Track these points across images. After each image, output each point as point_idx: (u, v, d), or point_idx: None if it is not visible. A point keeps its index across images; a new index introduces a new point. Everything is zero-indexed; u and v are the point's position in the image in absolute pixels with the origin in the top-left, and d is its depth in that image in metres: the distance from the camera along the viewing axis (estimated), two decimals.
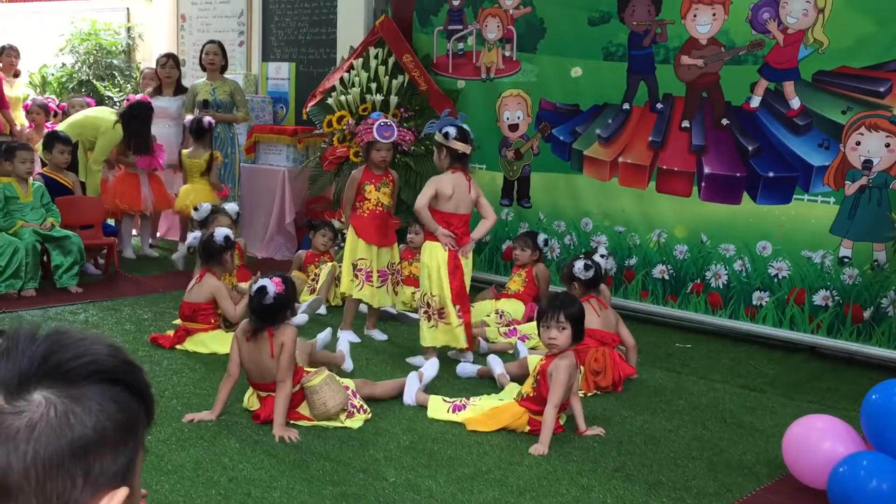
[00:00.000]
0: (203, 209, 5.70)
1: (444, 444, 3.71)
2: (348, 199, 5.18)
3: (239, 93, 7.34)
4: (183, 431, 3.73)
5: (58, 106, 8.50)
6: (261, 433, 3.75)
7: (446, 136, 4.65)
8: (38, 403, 0.81)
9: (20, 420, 0.80)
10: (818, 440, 3.33)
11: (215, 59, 7.23)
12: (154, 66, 8.32)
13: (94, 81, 9.86)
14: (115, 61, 10.15)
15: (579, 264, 4.66)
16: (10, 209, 6.03)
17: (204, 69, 7.36)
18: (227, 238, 5.02)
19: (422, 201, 4.61)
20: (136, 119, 6.96)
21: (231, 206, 5.91)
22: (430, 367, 4.42)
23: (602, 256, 4.89)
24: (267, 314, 3.82)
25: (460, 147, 4.65)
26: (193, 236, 5.33)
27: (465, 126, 4.72)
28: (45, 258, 6.14)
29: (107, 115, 7.13)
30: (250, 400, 3.99)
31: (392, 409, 4.08)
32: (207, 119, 6.88)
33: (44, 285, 6.01)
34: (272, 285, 3.81)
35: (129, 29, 10.42)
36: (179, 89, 7.61)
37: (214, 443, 3.64)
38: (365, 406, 3.98)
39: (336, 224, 6.29)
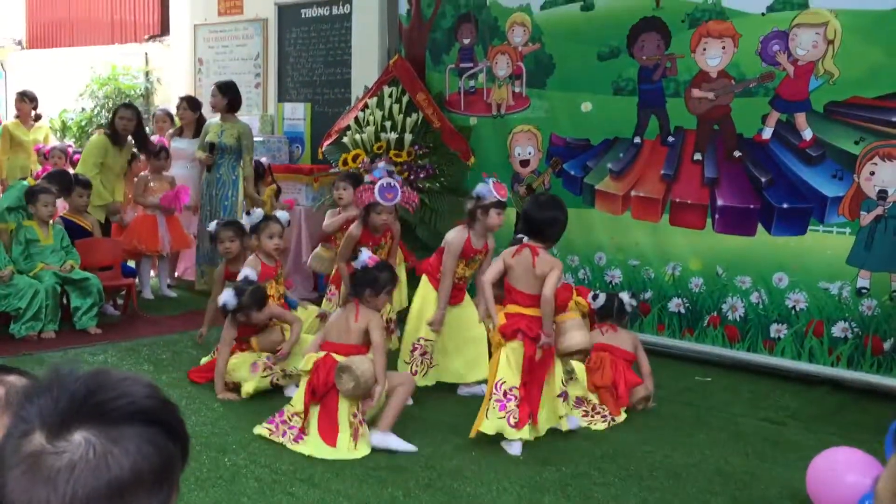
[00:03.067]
0: (255, 214, 5.34)
1: (462, 482, 3.69)
2: (342, 255, 5.03)
3: (247, 138, 7.08)
4: (202, 471, 3.73)
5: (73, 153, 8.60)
6: (279, 472, 3.74)
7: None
8: (77, 444, 0.82)
9: (60, 461, 0.81)
10: (842, 473, 3.29)
11: (212, 101, 7.16)
12: (168, 108, 8.46)
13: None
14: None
15: (590, 294, 4.74)
16: (30, 252, 6.11)
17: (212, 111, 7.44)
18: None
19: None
20: (111, 119, 7.14)
21: (282, 214, 5.44)
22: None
23: (631, 296, 4.97)
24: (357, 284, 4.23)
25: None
26: (230, 295, 4.84)
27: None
28: (64, 300, 6.20)
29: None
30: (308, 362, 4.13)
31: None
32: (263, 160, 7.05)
33: (63, 327, 6.06)
34: (366, 255, 4.27)
35: (147, 73, 10.62)
36: (199, 131, 7.72)
37: (233, 483, 3.64)
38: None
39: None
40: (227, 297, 4.77)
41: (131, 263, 7.34)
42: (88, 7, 12.17)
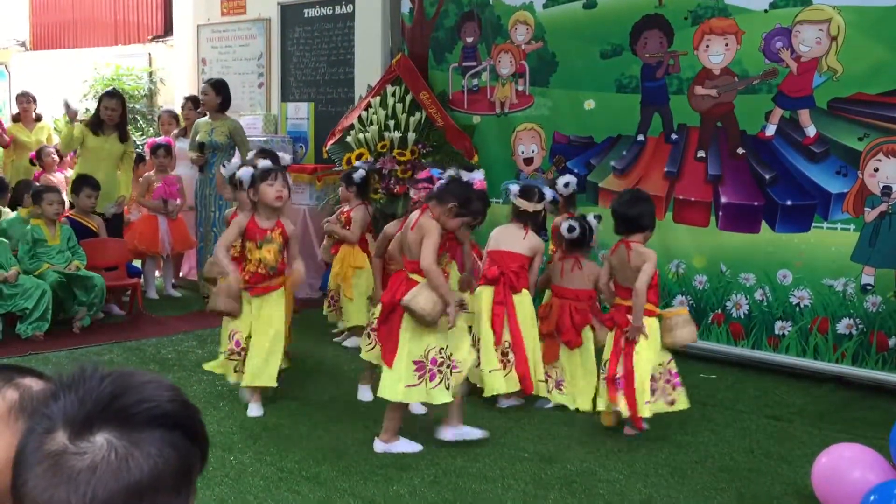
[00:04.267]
0: (232, 164, 4.97)
1: (468, 479, 3.70)
2: (377, 252, 4.82)
3: (238, 133, 7.05)
4: (207, 469, 3.73)
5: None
6: (285, 471, 3.75)
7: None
8: (100, 446, 0.83)
9: (82, 461, 0.82)
10: (848, 469, 3.29)
11: (205, 100, 7.09)
12: (172, 109, 8.48)
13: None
14: (137, 105, 10.35)
15: (564, 225, 4.71)
16: (36, 251, 6.13)
17: (203, 109, 7.40)
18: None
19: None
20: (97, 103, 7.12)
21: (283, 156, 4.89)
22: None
23: (595, 218, 4.86)
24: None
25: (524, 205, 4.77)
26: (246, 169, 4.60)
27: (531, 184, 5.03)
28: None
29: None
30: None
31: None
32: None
33: (70, 327, 6.09)
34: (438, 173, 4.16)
35: (150, 73, 10.64)
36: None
37: (239, 481, 3.65)
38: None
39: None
40: (243, 171, 4.52)
41: (137, 263, 7.37)
42: (92, 8, 12.20)
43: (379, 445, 3.99)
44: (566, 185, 5.07)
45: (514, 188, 4.88)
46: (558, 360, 4.68)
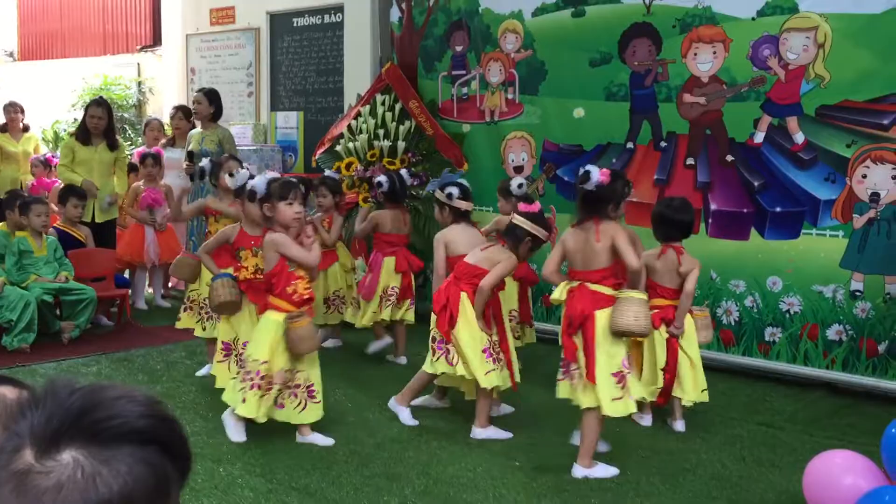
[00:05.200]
0: (241, 174, 4.67)
1: (459, 489, 3.67)
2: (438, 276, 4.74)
3: (228, 142, 6.97)
4: (196, 482, 3.71)
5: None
6: (275, 482, 3.72)
7: (450, 196, 4.80)
8: (66, 464, 0.80)
9: (48, 480, 0.79)
10: (839, 476, 3.28)
11: (199, 109, 6.99)
12: (159, 118, 8.45)
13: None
14: (126, 115, 10.32)
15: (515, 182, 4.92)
16: (23, 263, 6.08)
17: (195, 118, 7.35)
18: (253, 189, 4.33)
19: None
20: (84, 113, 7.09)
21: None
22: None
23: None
24: (589, 202, 3.82)
25: (463, 206, 4.84)
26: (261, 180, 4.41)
27: (465, 183, 4.96)
28: (58, 311, 6.17)
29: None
30: None
31: (406, 454, 4.05)
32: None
33: (57, 338, 6.04)
34: (596, 172, 3.76)
35: (139, 83, 10.62)
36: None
37: (228, 493, 3.62)
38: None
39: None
40: (255, 181, 4.27)
41: (126, 274, 7.32)
42: (80, 18, 12.17)
43: (579, 471, 3.81)
44: (519, 185, 5.26)
45: (455, 191, 4.83)
46: None
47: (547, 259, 3.97)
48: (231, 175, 4.72)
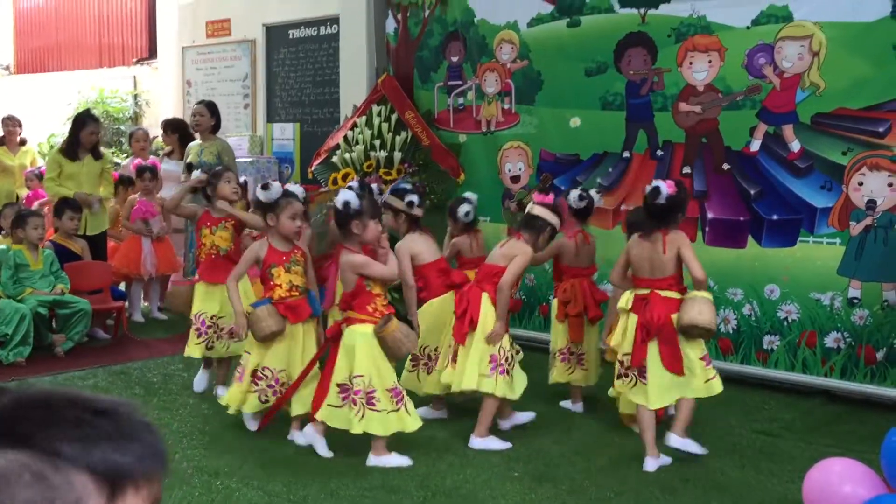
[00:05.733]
0: (275, 188, 4.42)
1: (458, 500, 3.66)
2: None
3: (227, 153, 6.92)
4: (194, 495, 3.69)
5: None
6: (272, 494, 3.70)
7: (410, 204, 4.79)
8: None
9: None
10: (838, 484, 3.27)
11: (200, 121, 6.92)
12: (145, 128, 8.43)
13: (102, 148, 9.99)
14: (122, 128, 10.32)
15: (574, 194, 4.82)
16: (19, 276, 6.07)
17: (194, 131, 7.31)
18: (348, 203, 4.16)
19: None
20: (72, 126, 7.03)
21: (299, 189, 4.91)
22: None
23: (597, 191, 5.11)
24: (659, 215, 3.97)
25: (419, 213, 4.86)
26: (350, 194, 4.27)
27: (472, 199, 5.06)
28: (52, 323, 6.16)
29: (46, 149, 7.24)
30: None
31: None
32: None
33: (53, 352, 6.02)
34: (665, 186, 3.93)
35: (135, 96, 10.63)
36: (184, 152, 7.70)
37: None
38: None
39: None
40: (348, 195, 4.08)
41: (122, 287, 7.30)
42: (76, 31, 12.19)
43: (653, 464, 3.99)
44: (466, 214, 4.96)
45: (416, 199, 4.86)
46: (582, 338, 4.82)
47: (613, 268, 4.27)
48: (265, 188, 4.34)
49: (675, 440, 4.03)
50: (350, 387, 3.96)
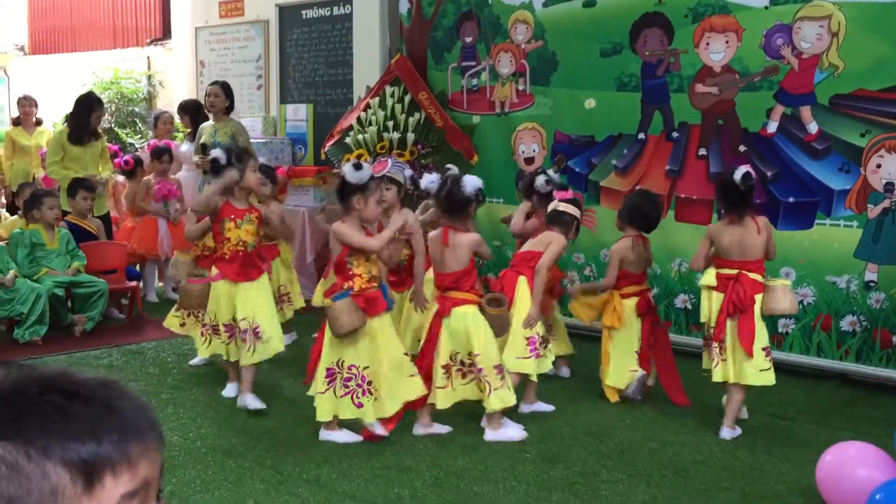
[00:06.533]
0: (365, 169, 4.03)
1: (469, 481, 3.67)
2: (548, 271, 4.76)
3: (241, 134, 6.90)
4: (207, 474, 3.71)
5: None
6: (285, 474, 3.72)
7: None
8: None
9: None
10: (852, 467, 3.25)
11: (215, 101, 6.91)
12: (170, 110, 8.46)
13: (116, 129, 10.03)
14: (136, 108, 10.34)
15: (541, 179, 4.96)
16: (35, 255, 6.10)
17: (208, 111, 7.30)
18: (480, 190, 4.20)
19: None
20: (74, 110, 7.06)
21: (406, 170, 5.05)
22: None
23: (554, 170, 5.34)
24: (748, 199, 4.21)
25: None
26: (430, 179, 4.62)
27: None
28: (70, 304, 6.20)
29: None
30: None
31: (416, 446, 4.04)
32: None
33: (69, 331, 6.06)
34: (751, 171, 4.18)
35: (149, 77, 10.63)
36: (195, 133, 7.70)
37: (239, 485, 3.62)
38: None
39: None
40: (355, 170, 3.98)
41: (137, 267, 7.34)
42: (90, 12, 12.19)
43: (727, 433, 4.19)
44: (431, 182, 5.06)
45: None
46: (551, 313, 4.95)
47: (696, 254, 4.44)
48: (357, 168, 3.98)
49: (728, 433, 4.21)
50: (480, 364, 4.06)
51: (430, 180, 4.89)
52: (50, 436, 0.75)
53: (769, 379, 4.19)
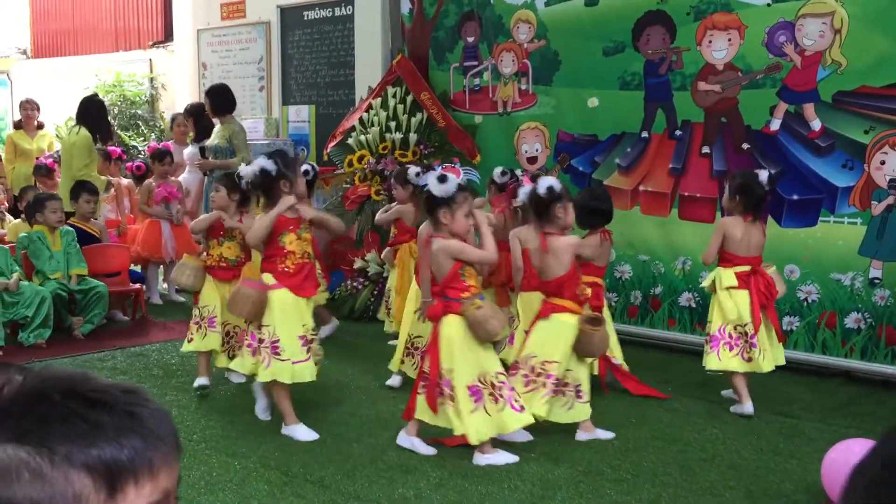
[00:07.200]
0: (451, 180, 3.85)
1: (474, 480, 3.66)
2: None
3: (237, 136, 6.88)
4: (212, 475, 3.71)
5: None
6: (290, 475, 3.72)
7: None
8: None
9: None
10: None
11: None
12: (174, 113, 8.49)
13: (119, 132, 10.04)
14: (139, 111, 10.35)
15: (497, 170, 5.09)
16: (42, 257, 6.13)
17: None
18: (551, 189, 4.07)
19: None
20: (90, 113, 7.07)
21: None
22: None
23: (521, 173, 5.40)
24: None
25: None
26: (524, 191, 4.24)
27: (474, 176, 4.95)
28: (72, 305, 6.21)
29: (63, 133, 7.35)
30: None
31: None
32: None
33: (71, 334, 6.06)
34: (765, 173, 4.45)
35: (152, 79, 10.64)
36: (199, 135, 7.70)
37: (244, 486, 3.62)
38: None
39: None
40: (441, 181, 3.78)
41: (139, 269, 7.34)
42: (92, 15, 12.21)
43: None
44: (417, 174, 5.23)
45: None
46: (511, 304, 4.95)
47: (709, 248, 4.54)
48: (442, 180, 3.78)
49: (750, 406, 4.48)
50: (527, 365, 4.05)
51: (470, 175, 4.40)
52: (73, 442, 0.75)
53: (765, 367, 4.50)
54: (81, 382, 0.79)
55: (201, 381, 4.83)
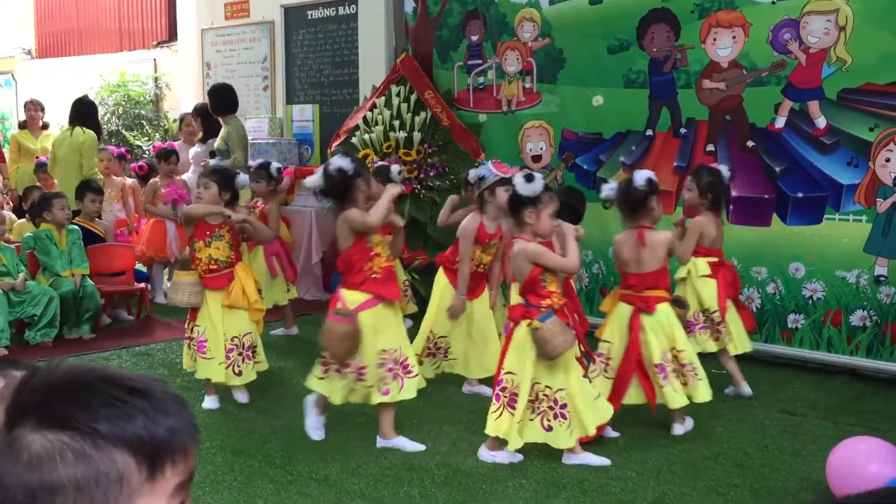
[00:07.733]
0: (538, 180, 3.71)
1: (478, 479, 3.66)
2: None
3: (231, 136, 6.88)
4: (217, 473, 3.72)
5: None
6: (295, 474, 3.73)
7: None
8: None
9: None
10: (863, 463, 3.24)
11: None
12: (177, 112, 8.51)
13: (124, 132, 10.07)
14: (143, 111, 10.36)
15: (472, 172, 4.90)
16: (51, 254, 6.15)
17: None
18: (650, 181, 4.05)
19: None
20: (85, 114, 7.23)
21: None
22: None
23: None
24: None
25: None
26: (609, 188, 4.19)
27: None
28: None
29: (63, 134, 7.39)
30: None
31: (425, 445, 4.03)
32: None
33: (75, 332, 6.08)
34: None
35: (156, 79, 10.66)
36: (206, 135, 7.73)
37: (249, 484, 3.62)
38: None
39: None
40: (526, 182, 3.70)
41: (144, 268, 7.36)
42: (96, 15, 12.23)
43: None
44: (399, 172, 5.64)
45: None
46: None
47: (685, 247, 4.59)
48: (528, 179, 3.70)
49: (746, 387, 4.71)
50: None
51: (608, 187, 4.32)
52: (116, 424, 0.78)
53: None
54: (114, 372, 0.84)
55: (209, 403, 4.59)
